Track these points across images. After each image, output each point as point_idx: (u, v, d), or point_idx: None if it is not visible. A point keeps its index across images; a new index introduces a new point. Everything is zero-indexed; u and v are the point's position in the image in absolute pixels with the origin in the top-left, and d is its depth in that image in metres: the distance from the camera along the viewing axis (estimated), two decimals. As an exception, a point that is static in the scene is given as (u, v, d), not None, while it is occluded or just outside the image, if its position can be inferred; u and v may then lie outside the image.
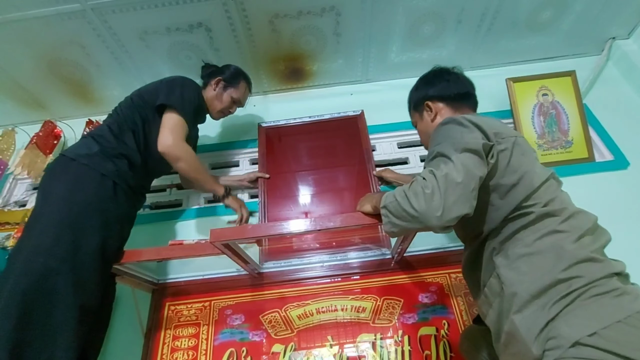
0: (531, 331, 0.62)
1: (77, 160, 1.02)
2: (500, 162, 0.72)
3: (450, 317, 1.20)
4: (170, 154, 1.10)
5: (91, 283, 0.90)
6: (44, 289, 0.82)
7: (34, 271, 0.83)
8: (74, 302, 0.85)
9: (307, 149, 1.59)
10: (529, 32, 1.62)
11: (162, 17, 1.38)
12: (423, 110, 0.98)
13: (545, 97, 1.53)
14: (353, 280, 1.28)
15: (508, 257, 0.70)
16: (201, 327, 1.24)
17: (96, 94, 1.70)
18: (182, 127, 1.14)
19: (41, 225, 0.90)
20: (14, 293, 0.80)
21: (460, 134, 0.73)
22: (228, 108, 1.36)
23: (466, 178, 0.65)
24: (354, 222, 0.88)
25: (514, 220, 0.71)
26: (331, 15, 1.46)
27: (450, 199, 0.63)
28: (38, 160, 1.53)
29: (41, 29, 1.38)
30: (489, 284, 0.73)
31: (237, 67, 1.38)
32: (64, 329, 0.82)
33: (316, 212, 1.43)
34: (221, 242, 0.90)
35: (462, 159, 0.67)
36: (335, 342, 1.17)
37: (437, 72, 1.00)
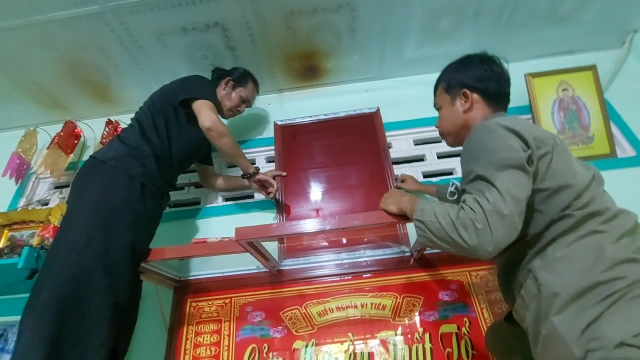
0: (572, 332, 0.61)
1: (107, 163, 1.06)
2: (541, 167, 0.71)
3: (471, 315, 1.19)
4: (217, 130, 1.17)
5: (122, 281, 0.93)
6: (79, 287, 0.85)
7: (69, 270, 0.86)
8: (107, 300, 0.87)
9: (323, 147, 1.59)
10: (549, 24, 1.58)
11: (179, 17, 1.39)
12: (457, 96, 0.91)
13: (566, 92, 1.50)
14: (372, 277, 1.28)
15: (546, 259, 0.69)
16: (222, 324, 1.26)
17: (115, 94, 1.72)
18: (214, 109, 1.22)
19: (75, 226, 0.93)
20: (52, 291, 0.83)
21: (499, 148, 0.70)
22: (237, 107, 1.41)
23: (514, 208, 0.64)
24: (378, 220, 0.88)
25: (557, 224, 0.70)
26: (347, 12, 1.45)
27: (500, 233, 0.63)
28: (60, 160, 1.56)
29: (61, 31, 1.40)
30: (526, 286, 0.72)
31: (245, 69, 1.46)
32: (98, 325, 0.85)
33: (333, 210, 1.44)
34: (246, 240, 0.91)
35: (506, 183, 0.66)
36: (356, 338, 1.18)
37: (485, 60, 0.91)
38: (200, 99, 1.20)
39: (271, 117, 1.75)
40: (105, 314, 0.87)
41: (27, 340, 0.79)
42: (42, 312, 0.81)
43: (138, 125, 1.18)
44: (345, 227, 0.87)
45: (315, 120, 1.65)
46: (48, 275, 0.87)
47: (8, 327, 1.47)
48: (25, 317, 0.84)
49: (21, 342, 0.80)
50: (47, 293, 0.83)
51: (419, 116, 1.65)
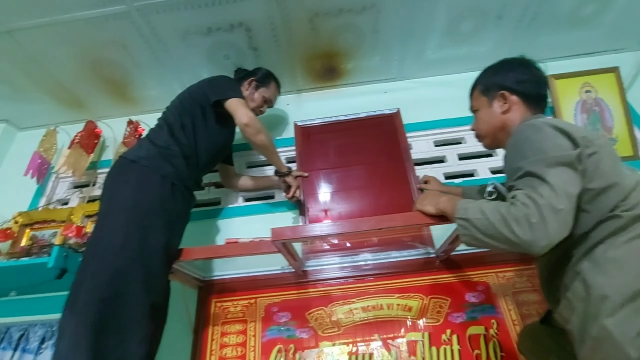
0: (627, 335, 0.61)
1: (139, 162, 1.05)
2: (589, 166, 0.71)
3: (499, 316, 1.19)
4: (254, 126, 1.19)
5: (158, 281, 0.93)
6: (118, 288, 0.85)
7: (107, 270, 0.86)
8: (145, 299, 0.88)
9: (344, 147, 1.59)
10: (571, 27, 1.58)
11: (205, 17, 1.39)
12: (495, 97, 0.92)
13: (589, 93, 1.50)
14: (397, 278, 1.28)
15: (595, 261, 0.69)
16: (248, 324, 1.25)
17: (135, 93, 1.72)
18: (248, 106, 1.26)
19: (111, 226, 0.93)
20: (92, 291, 0.83)
21: (548, 146, 0.70)
22: (259, 107, 1.41)
23: (567, 203, 0.65)
24: (416, 221, 0.88)
25: (605, 225, 0.69)
26: (371, 13, 1.45)
27: (554, 228, 0.63)
28: (81, 159, 1.56)
29: (86, 30, 1.41)
30: (573, 288, 0.72)
31: (268, 70, 1.46)
32: (137, 325, 0.85)
33: (354, 210, 1.43)
34: (281, 240, 0.91)
35: (557, 179, 0.66)
36: (383, 339, 1.18)
37: (524, 63, 0.92)
38: (234, 98, 1.21)
39: (290, 118, 1.75)
40: (143, 313, 0.87)
41: (70, 340, 0.79)
42: (82, 311, 0.81)
43: (166, 126, 1.18)
44: (383, 227, 0.87)
45: (335, 121, 1.65)
46: (86, 275, 0.87)
47: (29, 327, 1.46)
48: (66, 317, 0.84)
49: (63, 342, 0.80)
50: (87, 293, 0.83)
51: (439, 117, 1.65)
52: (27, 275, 1.18)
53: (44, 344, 1.42)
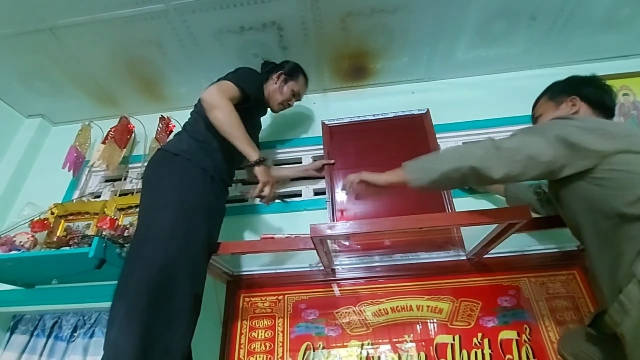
0: None
1: (181, 156, 1.07)
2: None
3: (531, 322, 1.17)
4: (206, 101, 1.08)
5: (201, 272, 0.95)
6: (166, 278, 0.87)
7: (157, 260, 0.88)
8: (190, 291, 0.89)
9: (371, 147, 1.58)
10: (606, 28, 1.55)
11: (238, 16, 1.42)
12: (563, 102, 0.97)
13: (626, 97, 1.47)
14: (427, 280, 1.27)
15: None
16: (276, 320, 1.26)
17: (165, 90, 1.76)
18: (230, 88, 1.13)
19: (158, 217, 0.95)
20: (141, 280, 0.85)
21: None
22: (288, 100, 1.40)
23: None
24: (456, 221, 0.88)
25: None
26: (403, 13, 1.45)
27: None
28: (115, 154, 1.60)
29: (124, 28, 1.45)
30: (627, 291, 0.70)
31: (296, 63, 1.44)
32: (182, 315, 0.87)
33: (382, 210, 1.43)
34: (320, 237, 0.91)
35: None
36: (412, 341, 1.17)
37: (595, 79, 0.99)
38: (224, 80, 1.15)
39: (316, 117, 1.76)
40: (188, 303, 0.88)
41: (120, 326, 0.81)
42: (132, 300, 0.83)
43: (201, 119, 1.17)
44: (423, 226, 0.87)
45: (363, 120, 1.65)
46: (136, 264, 0.89)
47: (62, 315, 1.51)
48: (117, 303, 0.86)
49: (114, 328, 0.82)
50: (137, 282, 0.85)
51: (468, 119, 1.63)
52: (66, 265, 1.22)
53: (75, 332, 1.47)
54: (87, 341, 1.42)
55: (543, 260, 1.25)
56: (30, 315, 1.52)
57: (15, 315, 1.53)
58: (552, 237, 1.28)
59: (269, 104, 1.40)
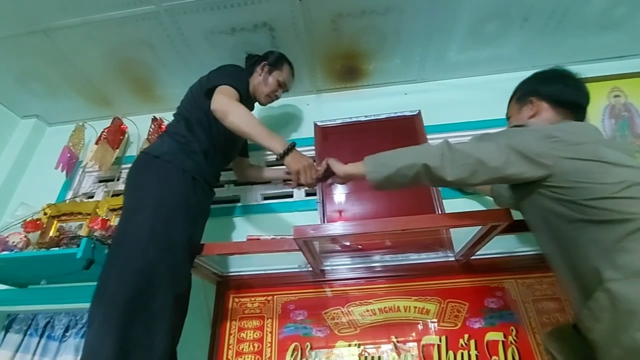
0: None
1: (161, 158, 1.07)
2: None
3: (518, 323, 1.17)
4: (218, 110, 1.06)
5: (182, 274, 0.96)
6: (145, 279, 0.87)
7: (135, 262, 0.88)
8: (170, 292, 0.90)
9: (363, 148, 1.53)
10: (600, 29, 1.54)
11: (230, 17, 1.42)
12: (525, 104, 0.95)
13: (617, 98, 1.46)
14: (415, 281, 1.27)
15: (620, 270, 0.67)
16: (265, 320, 1.27)
17: (158, 91, 1.77)
18: (232, 92, 1.12)
19: (138, 219, 0.96)
20: (120, 282, 0.85)
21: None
22: (274, 91, 1.37)
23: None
24: (440, 223, 0.88)
25: (615, 226, 0.68)
26: (394, 14, 1.44)
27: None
28: (107, 154, 1.61)
29: (116, 29, 1.45)
30: (595, 297, 0.70)
31: (280, 52, 1.41)
32: (162, 317, 0.87)
33: (371, 211, 1.43)
34: (303, 239, 0.92)
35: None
36: (399, 341, 1.18)
37: (558, 73, 0.95)
38: (223, 85, 1.12)
39: (309, 118, 1.76)
40: (169, 306, 0.89)
41: (98, 329, 0.82)
42: (111, 302, 0.84)
43: (183, 120, 1.18)
44: (408, 228, 0.87)
45: (355, 121, 1.65)
46: (114, 266, 0.90)
47: (54, 315, 1.52)
48: (95, 306, 0.87)
49: (92, 331, 0.83)
50: (115, 284, 0.86)
51: (460, 120, 1.63)
52: (56, 265, 1.23)
53: (68, 332, 1.48)
54: (78, 341, 1.43)
55: (530, 262, 1.24)
56: (24, 314, 1.54)
57: (10, 314, 1.55)
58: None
59: (256, 98, 1.38)
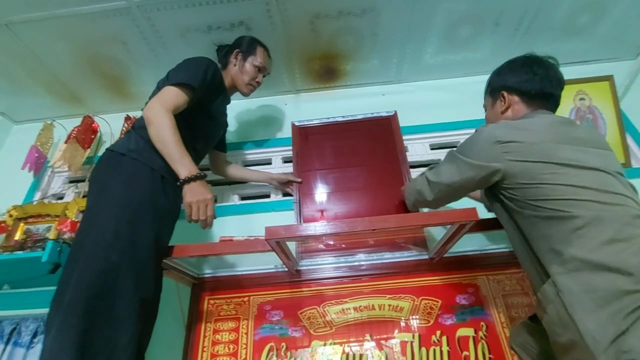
0: (599, 343, 0.63)
1: (128, 155, 1.03)
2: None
3: (488, 318, 1.21)
4: (145, 117, 1.02)
5: (148, 277, 0.93)
6: (107, 283, 0.84)
7: (96, 265, 0.85)
8: (135, 296, 0.87)
9: (340, 148, 1.60)
10: (565, 36, 1.61)
11: (205, 15, 1.40)
12: (497, 98, 0.98)
13: (582, 101, 1.53)
14: (390, 279, 1.29)
15: (564, 264, 0.70)
16: (241, 322, 1.26)
17: (132, 89, 1.73)
18: (171, 95, 1.05)
19: (100, 220, 0.92)
20: (79, 286, 0.82)
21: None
22: (254, 78, 1.32)
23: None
24: (410, 222, 0.90)
25: (562, 222, 0.72)
26: (371, 16, 1.46)
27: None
28: (77, 154, 1.56)
29: (85, 25, 1.41)
30: (543, 290, 0.74)
31: (251, 36, 1.36)
32: (126, 321, 0.84)
33: (350, 211, 1.44)
34: (275, 239, 0.92)
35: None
36: (374, 339, 1.19)
37: (527, 61, 0.96)
38: (171, 85, 1.06)
39: (288, 118, 1.76)
40: (133, 310, 0.86)
41: (56, 336, 0.78)
42: (70, 308, 0.80)
43: None
44: (376, 228, 0.89)
45: (332, 122, 1.66)
46: (74, 270, 0.85)
47: (21, 321, 1.46)
48: (53, 313, 0.83)
49: (49, 339, 0.79)
50: (74, 288, 0.82)
51: (436, 121, 1.67)
52: (21, 269, 1.18)
53: (35, 338, 1.42)
54: (46, 347, 1.38)
55: (502, 259, 1.29)
56: (-13, 321, 1.47)
57: (-29, 322, 1.47)
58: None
59: (238, 89, 1.34)
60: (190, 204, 0.96)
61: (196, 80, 1.10)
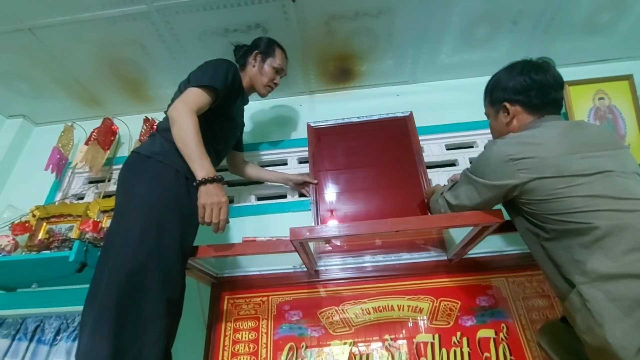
0: (628, 350, 0.63)
1: (153, 158, 1.05)
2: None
3: (508, 320, 1.20)
4: (170, 117, 1.04)
5: (174, 277, 0.95)
6: (135, 283, 0.86)
7: (125, 265, 0.87)
8: (162, 295, 0.89)
9: (356, 149, 1.60)
10: (585, 34, 1.59)
11: (223, 18, 1.41)
12: (500, 109, 0.97)
13: (602, 100, 1.51)
14: (409, 280, 1.30)
15: (588, 274, 0.71)
16: (260, 321, 1.28)
17: (150, 91, 1.75)
18: (195, 96, 1.07)
19: (127, 221, 0.94)
20: (109, 286, 0.84)
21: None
22: (272, 79, 1.34)
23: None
24: (431, 224, 0.90)
25: (582, 234, 0.72)
26: (387, 17, 1.46)
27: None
28: (98, 155, 1.59)
29: (106, 29, 1.43)
30: (569, 300, 0.74)
31: (268, 37, 1.37)
32: (154, 321, 0.86)
33: (367, 212, 1.44)
34: (299, 240, 0.93)
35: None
36: (393, 340, 1.20)
37: (525, 70, 0.93)
38: (194, 87, 1.08)
39: (303, 119, 1.77)
40: (161, 309, 0.88)
41: (90, 334, 0.80)
42: (102, 307, 0.82)
43: None
44: (400, 229, 0.89)
45: (348, 122, 1.66)
46: (104, 270, 0.88)
47: (44, 319, 1.49)
48: (87, 311, 0.86)
49: (84, 336, 0.81)
50: (106, 287, 0.84)
51: (451, 121, 1.66)
52: (48, 268, 1.21)
53: (58, 336, 1.45)
54: (70, 345, 1.41)
55: (521, 261, 1.28)
56: (12, 319, 1.50)
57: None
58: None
59: (256, 89, 1.35)
60: (204, 205, 0.96)
61: (219, 82, 1.11)
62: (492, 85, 1.01)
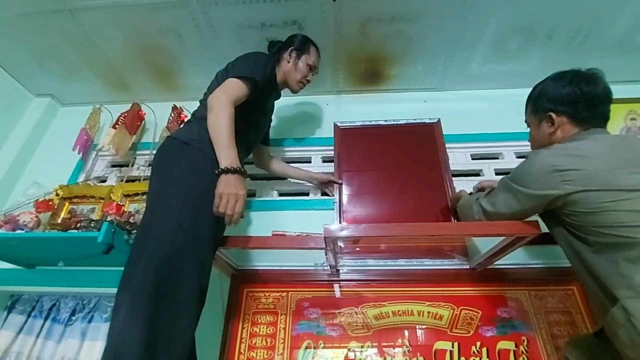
0: None
1: (190, 144, 1.05)
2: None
3: (529, 333, 1.19)
4: (208, 104, 1.05)
5: (207, 264, 0.95)
6: (172, 268, 0.86)
7: (163, 250, 0.87)
8: (196, 282, 0.89)
9: (382, 151, 1.60)
10: (620, 52, 1.58)
11: (261, 12, 1.42)
12: (543, 119, 0.96)
13: (634, 121, 1.50)
14: (429, 286, 1.29)
15: (634, 289, 0.70)
16: (279, 316, 1.27)
17: (179, 80, 1.76)
18: (235, 87, 1.08)
19: (165, 206, 0.94)
20: (147, 270, 0.84)
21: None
22: (306, 76, 1.34)
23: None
24: (467, 231, 0.89)
25: (630, 248, 0.72)
26: (423, 23, 1.46)
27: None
28: (125, 139, 1.60)
29: (145, 15, 1.44)
30: (612, 314, 0.73)
31: (303, 35, 1.38)
32: (187, 306, 0.86)
33: (390, 214, 1.44)
34: (332, 237, 0.93)
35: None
36: (412, 345, 1.19)
37: (575, 81, 0.92)
38: (234, 77, 1.09)
39: (328, 118, 1.77)
40: (194, 295, 0.88)
41: (127, 316, 0.80)
42: (138, 290, 0.83)
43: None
44: (435, 234, 0.89)
45: (375, 125, 1.67)
46: (141, 254, 0.88)
47: (60, 298, 1.50)
48: (122, 293, 0.86)
49: (119, 318, 0.81)
50: (143, 272, 0.84)
51: (478, 131, 1.66)
52: (73, 248, 1.21)
53: (74, 316, 1.46)
54: (85, 325, 1.41)
55: (544, 275, 1.27)
56: (28, 295, 1.51)
57: (13, 294, 1.52)
58: (554, 252, 1.31)
59: (288, 85, 1.35)
60: (221, 194, 0.92)
61: (259, 74, 1.12)
62: (537, 94, 0.99)
